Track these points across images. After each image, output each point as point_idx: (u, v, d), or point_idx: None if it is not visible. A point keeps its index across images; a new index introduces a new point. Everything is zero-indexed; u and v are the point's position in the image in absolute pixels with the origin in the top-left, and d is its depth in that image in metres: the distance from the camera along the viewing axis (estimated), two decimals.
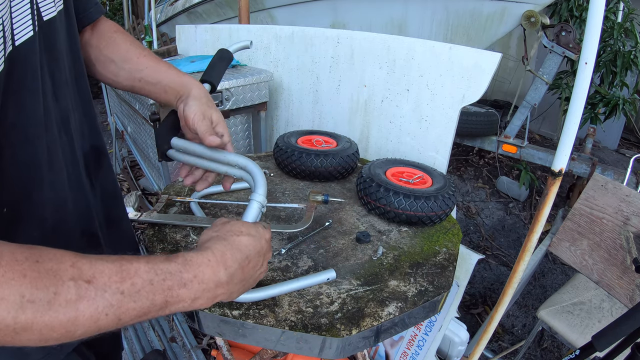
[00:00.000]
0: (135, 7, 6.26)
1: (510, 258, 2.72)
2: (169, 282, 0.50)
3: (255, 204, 0.75)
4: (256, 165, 0.79)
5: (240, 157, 0.81)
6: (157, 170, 2.00)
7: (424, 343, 1.48)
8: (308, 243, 1.01)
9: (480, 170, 3.65)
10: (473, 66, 1.27)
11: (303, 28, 1.77)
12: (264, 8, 3.56)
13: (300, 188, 1.29)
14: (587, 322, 1.55)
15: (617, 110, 2.97)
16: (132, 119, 2.25)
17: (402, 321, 0.82)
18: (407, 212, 1.05)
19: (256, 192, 0.75)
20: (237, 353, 1.44)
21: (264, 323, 0.75)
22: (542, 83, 2.91)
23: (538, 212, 1.01)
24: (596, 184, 1.58)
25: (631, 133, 4.66)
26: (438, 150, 1.44)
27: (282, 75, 1.93)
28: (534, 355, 2.02)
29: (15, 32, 0.54)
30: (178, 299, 0.51)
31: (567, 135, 0.92)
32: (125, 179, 3.27)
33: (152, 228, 1.02)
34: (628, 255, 1.45)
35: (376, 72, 1.55)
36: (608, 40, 3.06)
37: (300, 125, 1.94)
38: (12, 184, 0.58)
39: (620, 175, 2.68)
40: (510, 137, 3.12)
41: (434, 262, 0.96)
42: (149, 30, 3.31)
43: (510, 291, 1.12)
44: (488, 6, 2.83)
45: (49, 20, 0.62)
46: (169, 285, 0.50)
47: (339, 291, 0.85)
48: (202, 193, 1.18)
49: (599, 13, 0.82)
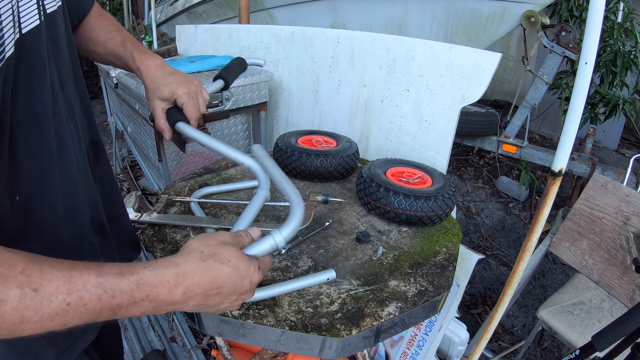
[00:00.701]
0: (135, 7, 6.26)
1: (510, 258, 2.72)
2: (118, 300, 0.49)
3: (270, 242, 0.64)
4: (297, 196, 0.68)
5: (284, 183, 0.71)
6: (157, 170, 2.00)
7: (424, 343, 1.48)
8: (308, 243, 1.01)
9: (480, 170, 3.64)
10: (473, 66, 1.27)
11: (303, 28, 1.77)
12: (264, 8, 3.56)
13: (300, 188, 1.29)
14: (587, 322, 1.55)
15: (617, 110, 2.97)
16: (132, 119, 2.25)
17: (402, 321, 0.82)
18: (407, 212, 1.05)
19: (282, 228, 0.64)
20: (237, 353, 1.44)
21: (264, 323, 0.75)
22: (542, 83, 2.91)
23: (538, 212, 1.01)
24: (596, 184, 1.58)
25: (631, 133, 4.66)
26: (438, 150, 1.44)
27: (282, 75, 1.93)
28: (534, 355, 2.02)
29: (22, 20, 0.55)
30: (126, 313, 0.51)
31: (567, 135, 0.92)
32: (125, 179, 3.27)
33: (152, 228, 1.02)
34: (628, 255, 1.45)
35: (376, 72, 1.55)
36: (608, 40, 3.06)
37: (300, 125, 1.94)
38: (24, 169, 0.59)
39: (620, 175, 2.68)
40: (510, 137, 3.12)
41: (434, 262, 0.96)
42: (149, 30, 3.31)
43: (510, 291, 1.12)
44: (488, 6, 2.83)
45: (52, 13, 0.64)
46: (117, 302, 0.49)
47: (339, 291, 0.85)
48: (202, 193, 1.18)
49: (599, 13, 0.82)
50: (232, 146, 0.84)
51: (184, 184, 1.27)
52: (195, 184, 1.26)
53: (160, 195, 1.17)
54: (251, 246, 0.65)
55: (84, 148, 0.75)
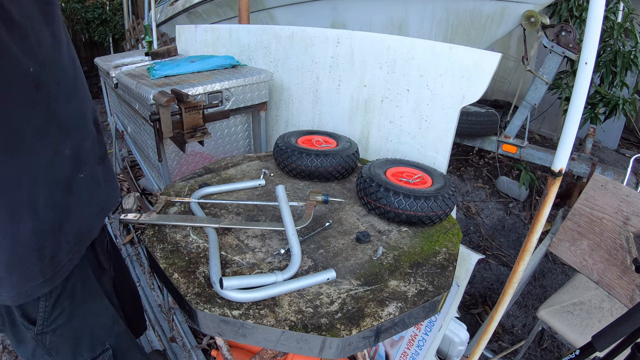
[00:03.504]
0: (135, 7, 6.25)
1: (510, 258, 2.72)
2: None
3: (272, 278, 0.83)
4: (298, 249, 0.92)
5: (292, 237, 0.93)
6: (157, 170, 2.00)
7: (424, 343, 1.48)
8: (308, 243, 1.01)
9: (480, 170, 3.64)
10: (473, 66, 1.27)
11: (303, 28, 1.77)
12: (264, 8, 3.56)
13: (300, 188, 1.29)
14: (587, 322, 1.55)
15: (617, 110, 2.96)
16: (132, 119, 2.25)
17: (402, 321, 0.82)
18: (407, 212, 1.05)
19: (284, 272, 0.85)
20: (237, 353, 1.44)
21: (264, 323, 0.75)
22: (542, 83, 2.91)
23: (538, 212, 1.01)
24: (596, 184, 1.58)
25: (631, 133, 4.66)
26: (438, 150, 1.44)
27: (282, 75, 1.93)
28: (534, 355, 2.02)
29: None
30: None
31: (567, 135, 0.92)
32: (125, 179, 3.27)
33: (152, 228, 1.02)
34: (628, 255, 1.45)
35: (376, 72, 1.55)
36: (608, 40, 3.06)
37: (300, 125, 1.94)
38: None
39: (620, 175, 2.68)
40: (510, 137, 3.12)
41: (434, 262, 0.96)
42: (149, 30, 3.31)
43: (510, 291, 1.12)
44: (488, 6, 2.83)
45: None
46: None
47: (339, 291, 0.85)
48: (202, 193, 1.18)
49: (599, 13, 0.82)
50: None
51: (184, 184, 1.27)
52: (195, 184, 1.26)
53: (159, 196, 1.17)
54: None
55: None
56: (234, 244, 0.99)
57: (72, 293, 0.82)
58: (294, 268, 0.87)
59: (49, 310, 0.79)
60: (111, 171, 0.90)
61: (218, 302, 0.80)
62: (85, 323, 0.86)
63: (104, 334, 0.90)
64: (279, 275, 0.83)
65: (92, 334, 0.87)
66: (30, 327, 0.78)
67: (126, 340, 0.97)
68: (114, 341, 0.92)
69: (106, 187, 0.87)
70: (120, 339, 0.94)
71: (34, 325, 0.79)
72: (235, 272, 0.89)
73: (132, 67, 2.10)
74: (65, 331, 0.82)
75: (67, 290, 0.80)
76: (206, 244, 0.97)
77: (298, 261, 0.88)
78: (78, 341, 0.85)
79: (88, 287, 0.87)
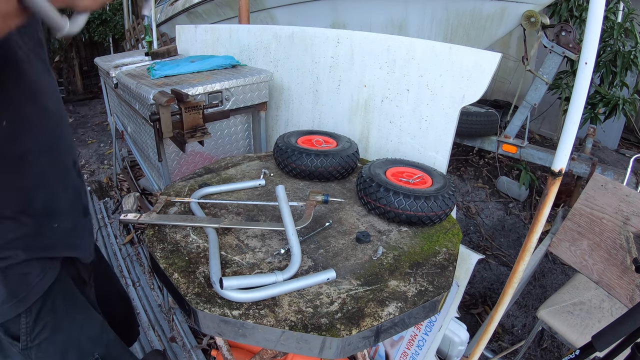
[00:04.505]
0: (135, 7, 6.25)
1: (510, 258, 2.72)
2: None
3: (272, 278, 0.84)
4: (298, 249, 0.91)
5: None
6: (157, 170, 2.00)
7: (424, 343, 1.48)
8: (308, 243, 1.01)
9: (480, 170, 3.64)
10: (473, 66, 1.27)
11: (303, 28, 1.77)
12: (264, 8, 3.56)
13: (300, 188, 1.29)
14: (587, 322, 1.55)
15: (617, 110, 2.97)
16: (132, 119, 2.25)
17: (402, 321, 0.82)
18: (407, 212, 1.05)
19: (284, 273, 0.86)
20: (237, 353, 1.44)
21: (264, 323, 0.75)
22: (542, 83, 2.91)
23: (538, 212, 1.01)
24: (596, 184, 1.58)
25: (631, 133, 4.66)
26: (438, 150, 1.44)
27: (282, 75, 1.93)
28: (534, 355, 2.02)
29: None
30: None
31: (567, 135, 0.92)
32: (125, 179, 3.27)
33: (152, 228, 1.02)
34: (628, 255, 1.45)
35: (376, 72, 1.55)
36: (608, 40, 3.06)
37: (300, 125, 1.94)
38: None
39: (620, 175, 2.67)
40: (510, 137, 3.12)
41: (434, 262, 0.96)
42: (149, 30, 3.31)
43: (510, 291, 1.12)
44: (488, 6, 2.83)
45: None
46: None
47: (339, 291, 0.85)
48: (202, 193, 1.18)
49: (599, 13, 0.82)
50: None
51: (184, 184, 1.27)
52: (195, 184, 1.26)
53: (158, 197, 1.17)
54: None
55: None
56: (234, 244, 0.99)
57: (53, 307, 0.81)
58: (294, 268, 0.87)
59: (31, 325, 0.78)
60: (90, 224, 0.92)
61: (218, 302, 0.80)
62: (70, 336, 0.85)
63: (92, 345, 0.89)
64: (279, 275, 0.83)
65: (79, 346, 0.86)
66: (15, 343, 0.78)
67: (116, 348, 0.95)
68: (103, 350, 0.91)
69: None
70: (110, 347, 0.93)
71: (18, 342, 0.78)
72: (235, 272, 0.89)
73: (132, 67, 2.10)
74: (50, 345, 0.82)
75: (47, 305, 0.80)
76: (206, 244, 0.97)
77: (298, 261, 0.88)
78: (65, 354, 0.84)
79: (70, 300, 0.85)
